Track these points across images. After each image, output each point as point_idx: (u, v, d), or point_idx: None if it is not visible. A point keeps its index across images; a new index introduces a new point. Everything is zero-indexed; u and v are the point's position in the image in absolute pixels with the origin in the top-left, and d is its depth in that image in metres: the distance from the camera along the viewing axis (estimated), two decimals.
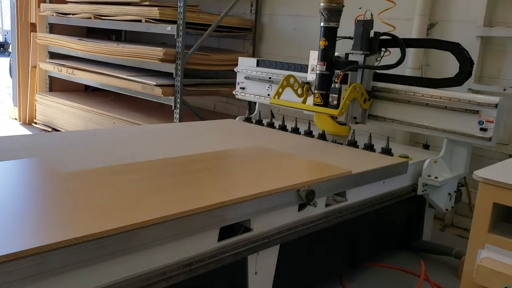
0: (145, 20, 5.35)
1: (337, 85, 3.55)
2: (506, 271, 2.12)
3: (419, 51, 4.37)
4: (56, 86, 7.30)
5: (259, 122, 4.28)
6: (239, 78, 4.75)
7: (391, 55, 3.82)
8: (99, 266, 1.71)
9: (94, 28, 6.59)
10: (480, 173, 2.26)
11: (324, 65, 3.63)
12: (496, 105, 3.15)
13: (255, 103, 4.79)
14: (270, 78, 4.43)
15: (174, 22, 5.12)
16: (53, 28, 7.17)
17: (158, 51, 5.08)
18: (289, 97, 3.88)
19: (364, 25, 3.62)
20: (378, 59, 3.74)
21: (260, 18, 5.92)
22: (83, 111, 6.25)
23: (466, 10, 4.20)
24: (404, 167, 3.23)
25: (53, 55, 7.11)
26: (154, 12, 5.17)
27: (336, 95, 3.55)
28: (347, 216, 2.88)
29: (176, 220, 1.90)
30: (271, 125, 4.17)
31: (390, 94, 3.67)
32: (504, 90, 3.87)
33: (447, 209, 3.49)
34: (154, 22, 5.27)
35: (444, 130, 3.40)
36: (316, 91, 3.68)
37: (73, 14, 6.50)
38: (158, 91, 5.11)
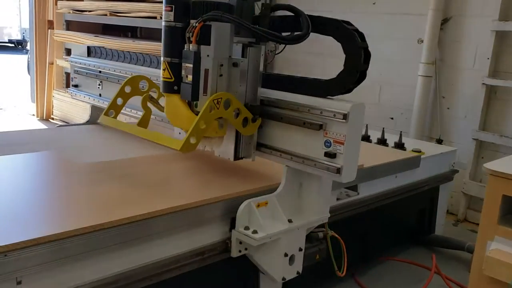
0: (160, 17, 5.41)
1: (191, 47, 2.04)
2: None
3: (433, 44, 4.36)
4: None
5: None
6: (72, 73, 3.55)
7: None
8: (118, 254, 1.78)
9: (109, 25, 6.66)
10: (490, 166, 2.27)
11: (171, 10, 2.07)
12: (345, 117, 1.96)
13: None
14: (100, 72, 3.24)
15: None
16: (70, 25, 7.27)
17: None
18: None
19: None
20: (271, 51, 2.64)
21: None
22: None
23: (481, 4, 4.17)
24: (417, 161, 3.24)
25: (70, 52, 7.21)
26: None
27: (191, 65, 2.05)
28: (359, 210, 2.89)
29: (190, 210, 1.97)
30: None
31: (280, 110, 2.22)
32: None
33: (284, 278, 2.24)
34: None
35: (284, 152, 2.20)
36: (163, 59, 2.14)
37: (89, 11, 6.60)
38: None
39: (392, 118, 4.92)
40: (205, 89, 2.09)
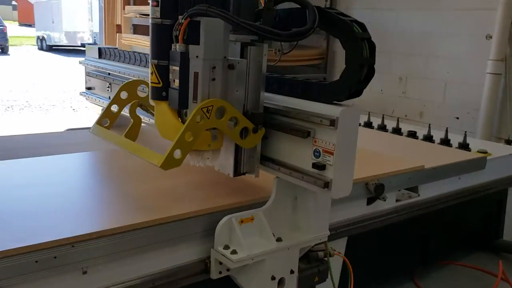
0: None
1: (178, 47, 1.77)
2: None
3: (503, 40, 4.15)
4: None
5: None
6: (85, 75, 3.44)
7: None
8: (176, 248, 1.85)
9: None
10: None
11: (157, 5, 1.81)
12: (332, 123, 1.70)
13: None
14: (109, 74, 3.14)
15: None
16: (136, 29, 7.58)
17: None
18: None
19: None
20: (278, 49, 2.19)
21: None
22: None
23: None
24: (482, 162, 3.10)
25: None
26: None
27: (177, 68, 1.78)
28: (419, 211, 2.82)
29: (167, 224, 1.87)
30: None
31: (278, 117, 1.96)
32: None
33: None
34: None
35: (273, 161, 1.96)
36: (150, 61, 1.88)
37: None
38: None
39: (457, 118, 4.73)
40: (195, 96, 1.78)
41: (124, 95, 2.24)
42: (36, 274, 1.54)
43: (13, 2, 42.72)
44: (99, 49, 3.27)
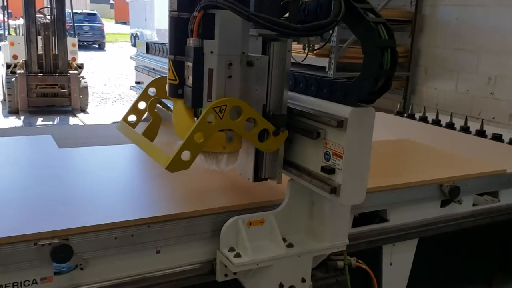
0: None
1: (192, 42, 1.65)
2: None
3: None
4: None
5: (411, 116, 4.17)
6: (135, 70, 3.36)
7: None
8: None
9: None
10: None
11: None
12: (340, 123, 1.59)
13: None
14: (153, 69, 3.15)
15: None
16: None
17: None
18: None
19: None
20: (308, 46, 1.92)
21: (421, 9, 5.71)
22: None
23: None
24: None
25: None
26: None
27: (191, 64, 1.66)
28: (499, 217, 2.69)
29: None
30: (423, 119, 4.04)
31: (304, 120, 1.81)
32: None
33: None
34: None
35: (288, 163, 1.86)
36: (169, 56, 1.78)
37: None
38: None
39: None
40: (209, 94, 1.65)
41: (152, 91, 2.16)
42: (115, 250, 1.68)
43: (111, 1, 45.52)
44: (147, 44, 3.28)
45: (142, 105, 2.18)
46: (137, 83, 3.36)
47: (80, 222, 1.66)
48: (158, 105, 2.14)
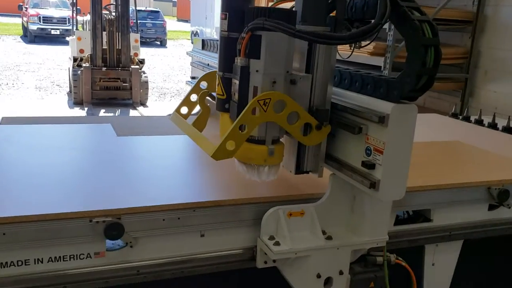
0: None
1: (239, 61, 1.75)
2: None
3: None
4: None
5: (466, 119, 4.07)
6: (191, 65, 3.46)
7: None
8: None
9: None
10: None
11: (225, 18, 1.84)
12: (381, 119, 1.64)
13: None
14: (208, 65, 3.26)
15: None
16: None
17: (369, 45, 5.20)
18: None
19: None
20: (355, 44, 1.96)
21: (483, 9, 5.53)
22: None
23: None
24: None
25: None
26: None
27: (238, 81, 1.77)
28: None
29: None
30: (479, 122, 3.94)
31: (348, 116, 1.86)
32: None
33: None
34: None
35: (330, 157, 1.91)
36: (218, 73, 1.92)
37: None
38: None
39: None
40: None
41: (204, 85, 2.28)
42: (162, 231, 1.80)
43: None
44: (203, 40, 3.39)
45: (193, 97, 2.31)
46: (192, 78, 3.52)
47: (132, 202, 1.79)
48: (207, 97, 2.25)
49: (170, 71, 17.78)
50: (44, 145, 2.49)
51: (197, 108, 2.36)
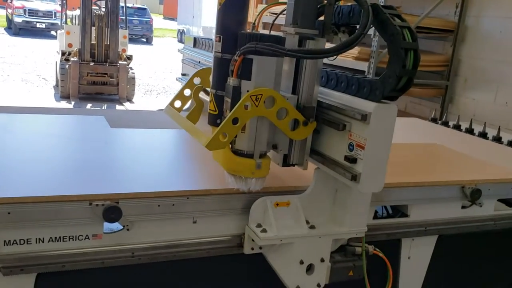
0: None
1: (232, 81, 1.88)
2: None
3: None
4: None
5: (445, 124, 4.25)
6: (181, 62, 3.56)
7: None
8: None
9: None
10: None
11: (219, 40, 1.97)
12: (364, 117, 1.78)
13: None
14: (199, 62, 3.38)
15: None
16: (266, 27, 8.01)
17: (354, 49, 5.36)
18: None
19: None
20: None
21: (464, 19, 5.74)
22: None
23: None
24: None
25: None
26: None
27: (229, 100, 1.89)
28: None
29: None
30: (457, 127, 4.12)
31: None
32: None
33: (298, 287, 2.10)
34: None
35: (315, 152, 2.05)
36: (211, 90, 2.05)
37: (283, 14, 7.21)
38: None
39: None
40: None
41: (197, 80, 2.39)
42: (157, 216, 1.91)
43: None
44: (194, 38, 3.44)
45: (187, 92, 2.43)
46: (183, 75, 3.64)
47: (130, 188, 1.90)
48: (201, 92, 2.38)
49: (156, 69, 17.78)
50: (42, 134, 2.58)
51: (188, 104, 2.48)
